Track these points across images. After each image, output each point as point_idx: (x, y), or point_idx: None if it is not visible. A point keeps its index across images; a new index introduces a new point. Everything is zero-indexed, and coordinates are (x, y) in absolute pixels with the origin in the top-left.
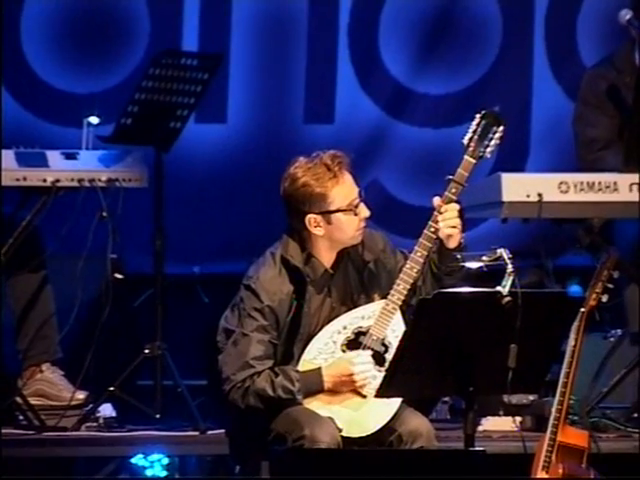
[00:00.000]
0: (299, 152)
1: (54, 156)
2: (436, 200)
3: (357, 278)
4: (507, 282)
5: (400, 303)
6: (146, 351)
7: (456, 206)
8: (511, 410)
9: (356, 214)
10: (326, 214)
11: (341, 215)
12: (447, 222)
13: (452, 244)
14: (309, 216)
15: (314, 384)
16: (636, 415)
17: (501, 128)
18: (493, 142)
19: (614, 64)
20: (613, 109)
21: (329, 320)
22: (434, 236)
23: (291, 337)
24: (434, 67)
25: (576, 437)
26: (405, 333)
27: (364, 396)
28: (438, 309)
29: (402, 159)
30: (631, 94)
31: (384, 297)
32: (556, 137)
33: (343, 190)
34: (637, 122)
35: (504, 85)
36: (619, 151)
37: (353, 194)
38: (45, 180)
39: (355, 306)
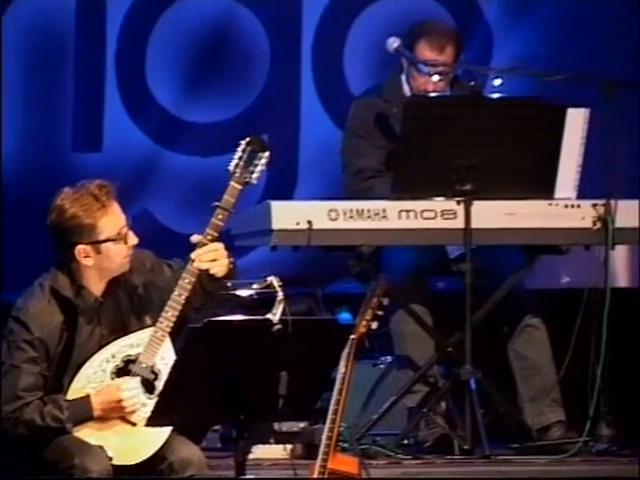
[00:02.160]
0: (68, 181)
1: None
2: (194, 238)
3: (128, 303)
4: (277, 310)
5: (169, 330)
6: None
7: (215, 246)
8: (282, 437)
9: (125, 242)
10: (95, 244)
11: (110, 244)
12: (201, 264)
13: (218, 275)
14: (79, 247)
15: (83, 411)
16: (406, 442)
17: (266, 154)
18: (259, 168)
19: (382, 94)
20: (381, 139)
21: (99, 349)
22: (197, 271)
23: (62, 368)
24: (202, 96)
25: (346, 464)
26: (176, 361)
27: (135, 424)
28: (208, 337)
29: (172, 188)
30: (399, 124)
31: (157, 318)
32: (325, 165)
33: (112, 220)
34: (404, 152)
35: (272, 114)
36: (387, 180)
37: (121, 222)
38: None
39: (127, 332)
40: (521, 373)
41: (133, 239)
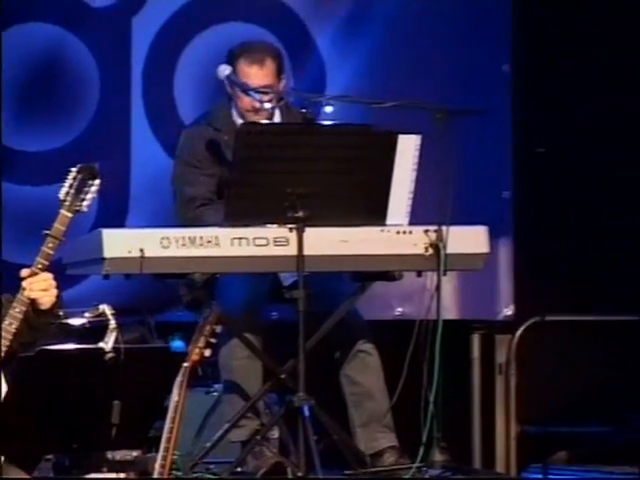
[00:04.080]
0: None
1: None
2: (24, 272)
3: None
4: (109, 338)
5: None
6: None
7: (46, 275)
8: (115, 466)
9: None
10: None
11: None
12: (31, 293)
13: (45, 305)
14: None
15: None
16: (240, 469)
17: (97, 181)
18: (89, 195)
19: (211, 122)
20: (212, 167)
21: None
22: (28, 300)
23: None
24: (32, 124)
25: None
26: (8, 391)
27: None
28: (40, 366)
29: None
30: (230, 151)
31: None
32: (156, 193)
33: None
34: (236, 180)
35: (103, 142)
36: (218, 208)
37: None
38: None
39: None
40: (353, 399)
41: None
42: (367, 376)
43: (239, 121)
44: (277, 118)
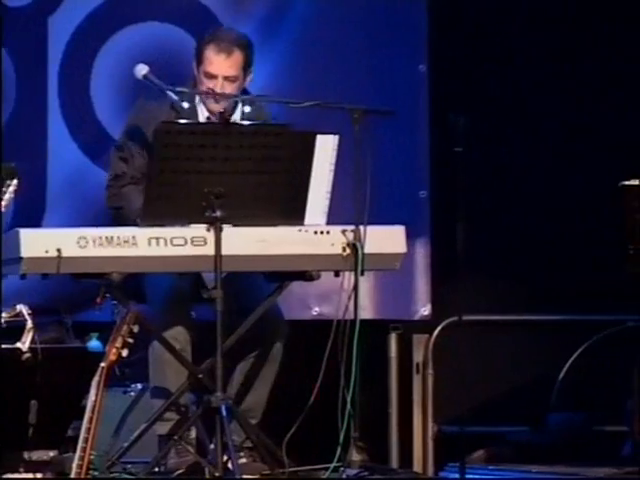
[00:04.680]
0: None
1: None
2: None
3: None
4: (26, 338)
5: None
6: None
7: None
8: (32, 466)
9: None
10: None
11: None
12: None
13: None
14: None
15: None
16: (157, 469)
17: (15, 181)
18: (7, 195)
19: (174, 103)
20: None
21: None
22: None
23: None
24: None
25: None
26: None
27: None
28: None
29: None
30: None
31: None
32: (74, 193)
33: None
34: (154, 179)
35: (20, 142)
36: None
37: None
38: None
39: None
40: (238, 387)
41: None
42: (260, 374)
43: (201, 107)
44: (238, 112)
